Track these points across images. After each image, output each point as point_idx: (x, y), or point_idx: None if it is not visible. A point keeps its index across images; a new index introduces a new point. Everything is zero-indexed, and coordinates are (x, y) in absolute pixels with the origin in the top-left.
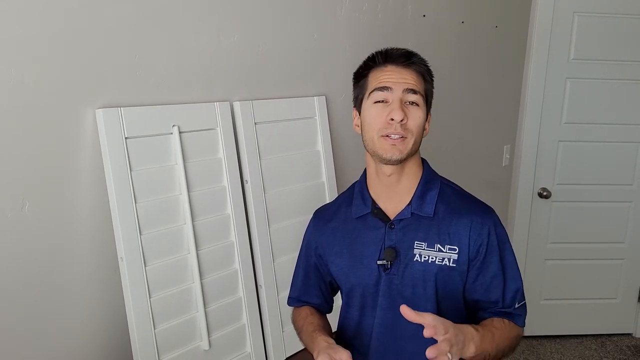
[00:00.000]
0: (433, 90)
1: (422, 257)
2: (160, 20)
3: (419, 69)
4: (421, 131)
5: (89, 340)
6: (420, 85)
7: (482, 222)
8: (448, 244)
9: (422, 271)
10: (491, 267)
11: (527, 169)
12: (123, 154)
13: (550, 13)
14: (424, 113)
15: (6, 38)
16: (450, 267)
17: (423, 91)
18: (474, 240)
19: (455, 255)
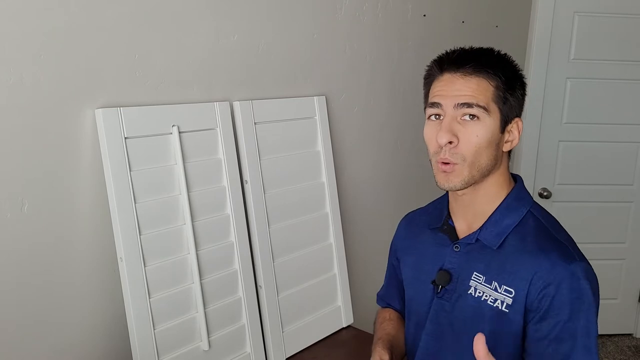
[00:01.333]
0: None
1: (476, 292)
2: (160, 20)
3: (483, 74)
4: (487, 150)
5: (88, 340)
6: (483, 95)
7: (553, 267)
8: (505, 284)
9: (473, 307)
10: (553, 327)
11: (528, 169)
12: (122, 154)
13: (550, 13)
14: (492, 125)
15: (5, 37)
16: (501, 311)
17: (491, 100)
18: (536, 287)
19: (510, 299)
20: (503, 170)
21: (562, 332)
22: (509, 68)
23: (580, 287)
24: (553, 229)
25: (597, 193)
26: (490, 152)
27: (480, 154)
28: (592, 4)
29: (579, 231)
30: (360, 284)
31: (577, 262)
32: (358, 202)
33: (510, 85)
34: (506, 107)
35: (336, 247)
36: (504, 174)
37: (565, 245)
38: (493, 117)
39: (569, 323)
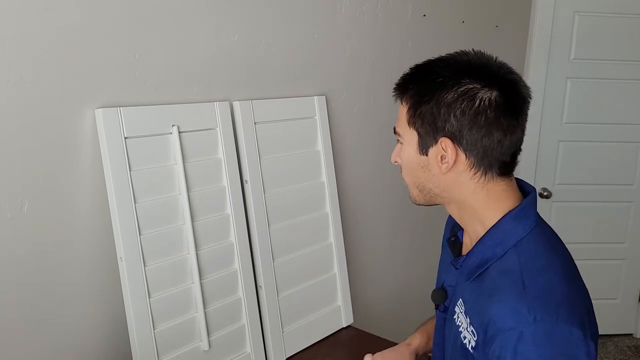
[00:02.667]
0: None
1: (457, 319)
2: (160, 19)
3: (403, 97)
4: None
5: (88, 340)
6: (402, 119)
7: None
8: (472, 324)
9: (453, 335)
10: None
11: (528, 169)
12: (122, 154)
13: (550, 13)
14: (411, 147)
15: (5, 37)
16: (468, 350)
17: (407, 122)
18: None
19: (474, 341)
20: (473, 193)
21: None
22: (423, 81)
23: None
24: (525, 277)
25: (597, 193)
26: (423, 175)
27: (412, 175)
28: (592, 4)
29: (579, 231)
30: (360, 284)
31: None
32: (358, 202)
33: (418, 102)
34: (421, 127)
35: (336, 247)
36: (479, 196)
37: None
38: (409, 141)
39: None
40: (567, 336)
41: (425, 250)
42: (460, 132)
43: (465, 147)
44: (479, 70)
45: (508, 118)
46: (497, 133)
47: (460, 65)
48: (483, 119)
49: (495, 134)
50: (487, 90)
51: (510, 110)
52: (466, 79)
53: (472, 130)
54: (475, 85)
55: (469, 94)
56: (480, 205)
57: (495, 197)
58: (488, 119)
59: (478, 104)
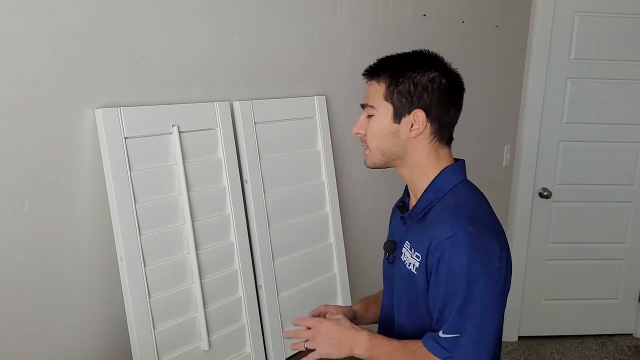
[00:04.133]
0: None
1: (403, 257)
2: (160, 20)
3: (376, 78)
4: (386, 138)
5: (88, 340)
6: (375, 96)
7: (442, 234)
8: (417, 250)
9: (401, 271)
10: (435, 283)
11: (528, 169)
12: (122, 154)
13: (550, 13)
14: (385, 118)
15: (5, 37)
16: (412, 273)
17: (383, 98)
18: (431, 251)
19: (418, 262)
20: (428, 153)
21: (438, 290)
22: (397, 67)
23: (455, 253)
24: (458, 206)
25: (597, 193)
26: (391, 140)
27: (380, 141)
28: (592, 3)
29: (579, 231)
30: (360, 284)
31: (459, 230)
32: (358, 202)
33: (395, 82)
34: (398, 101)
35: (336, 247)
36: (431, 156)
37: (458, 217)
38: (383, 112)
39: (442, 285)
40: (488, 247)
41: None
42: (430, 106)
43: (431, 118)
44: (437, 63)
45: (457, 99)
46: (451, 109)
47: (424, 58)
48: (445, 98)
49: (451, 110)
50: (446, 78)
51: (458, 93)
52: (431, 68)
53: (438, 106)
54: (438, 73)
55: (437, 78)
56: (430, 164)
57: (440, 158)
58: (448, 98)
59: (443, 86)
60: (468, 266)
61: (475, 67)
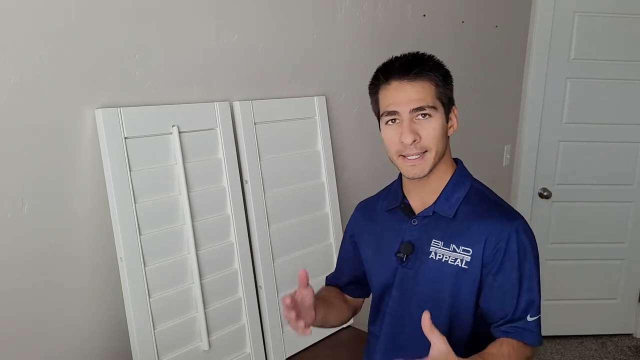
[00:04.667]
0: (450, 85)
1: (437, 256)
2: (160, 20)
3: (425, 77)
4: (442, 138)
5: (88, 340)
6: (429, 96)
7: (502, 227)
8: (463, 245)
9: (435, 269)
10: (508, 274)
11: (528, 169)
12: (122, 154)
13: (550, 13)
14: (441, 118)
15: (5, 37)
16: (462, 268)
17: (436, 98)
18: (491, 244)
19: (469, 257)
20: (448, 153)
21: (513, 279)
22: (441, 67)
23: (523, 240)
24: (491, 195)
25: (597, 193)
26: (444, 140)
27: (439, 142)
28: (592, 3)
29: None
30: None
31: (517, 220)
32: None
33: (445, 81)
34: (446, 100)
35: (336, 247)
36: (448, 157)
37: (508, 207)
38: (439, 112)
39: (516, 271)
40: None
41: None
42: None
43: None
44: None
45: None
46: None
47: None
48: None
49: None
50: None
51: None
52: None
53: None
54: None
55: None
56: (447, 161)
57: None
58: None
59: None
60: (532, 249)
61: (475, 67)
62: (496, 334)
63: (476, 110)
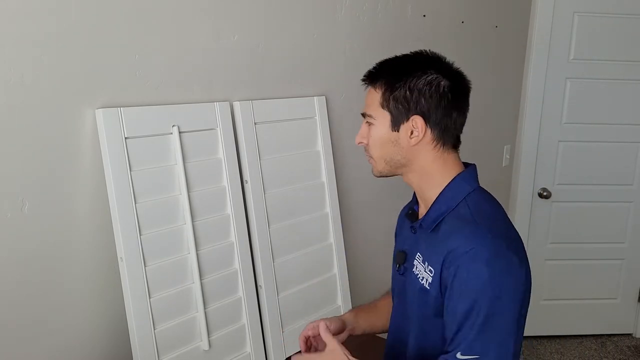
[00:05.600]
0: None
1: (415, 269)
2: (160, 20)
3: (376, 84)
4: (385, 146)
5: (88, 340)
6: (374, 104)
7: (457, 249)
8: (430, 263)
9: (413, 283)
10: (454, 302)
11: (527, 169)
12: (123, 154)
13: (550, 13)
14: (384, 127)
15: (5, 37)
16: (424, 288)
17: (380, 106)
18: (445, 266)
19: (431, 277)
20: (433, 160)
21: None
22: (393, 72)
23: (476, 269)
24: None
25: (597, 193)
26: (392, 148)
27: (381, 150)
28: (592, 4)
29: (579, 231)
30: (360, 284)
31: (477, 246)
32: (358, 202)
33: (390, 88)
34: (395, 108)
35: (336, 247)
36: (437, 163)
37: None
38: (381, 121)
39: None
40: (510, 260)
41: None
42: (429, 111)
43: (431, 123)
44: (438, 64)
45: (461, 101)
46: (454, 112)
47: (423, 60)
48: (445, 102)
49: (454, 113)
50: (446, 79)
51: (462, 95)
52: (430, 70)
53: (438, 110)
54: (437, 75)
55: (435, 81)
56: (437, 171)
57: (448, 165)
58: (449, 101)
59: (442, 89)
60: (489, 282)
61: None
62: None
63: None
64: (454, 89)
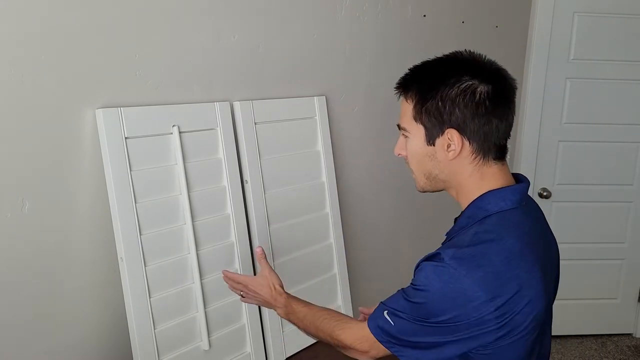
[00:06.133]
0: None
1: None
2: (160, 20)
3: (407, 94)
4: (422, 160)
5: (89, 340)
6: (406, 115)
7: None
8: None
9: None
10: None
11: (527, 169)
12: (123, 154)
13: (550, 13)
14: (418, 140)
15: (6, 37)
16: None
17: (411, 118)
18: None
19: None
20: (470, 175)
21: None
22: (425, 81)
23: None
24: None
25: (597, 193)
26: (431, 163)
27: (419, 165)
28: (592, 4)
29: (579, 231)
30: (360, 284)
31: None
32: (358, 202)
33: (422, 100)
34: (428, 121)
35: (336, 247)
36: (473, 177)
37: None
38: (416, 134)
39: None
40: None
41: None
42: (465, 122)
43: (469, 135)
44: (473, 67)
45: (502, 106)
46: (495, 120)
47: (457, 64)
48: (483, 110)
49: (494, 121)
50: (484, 84)
51: (503, 99)
52: (465, 76)
53: (475, 120)
54: (473, 81)
55: (469, 89)
56: (473, 186)
57: (487, 178)
58: (487, 109)
59: (478, 97)
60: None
61: None
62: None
63: None
64: (493, 93)
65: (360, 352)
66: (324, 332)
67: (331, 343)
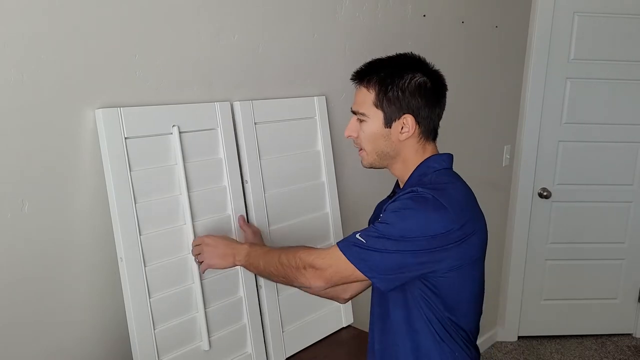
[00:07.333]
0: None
1: None
2: (160, 19)
3: (368, 84)
4: (377, 140)
5: (88, 340)
6: (364, 102)
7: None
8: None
9: None
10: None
11: (527, 169)
12: (123, 154)
13: (550, 13)
14: (376, 123)
15: (6, 37)
16: None
17: (371, 105)
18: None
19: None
20: (416, 151)
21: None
22: (385, 74)
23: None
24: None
25: (597, 193)
26: (384, 142)
27: (373, 144)
28: (592, 4)
29: (579, 231)
30: None
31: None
32: (358, 202)
33: (384, 89)
34: (388, 107)
35: None
36: (419, 153)
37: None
38: (374, 118)
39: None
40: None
41: None
42: (418, 109)
43: (420, 120)
44: (421, 66)
45: (441, 99)
46: (437, 109)
47: (410, 62)
48: (431, 100)
49: (436, 109)
50: (429, 79)
51: (441, 92)
52: (417, 72)
53: (425, 108)
54: (423, 77)
55: (422, 83)
56: (419, 158)
57: (427, 153)
58: (433, 99)
59: (427, 89)
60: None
61: (475, 67)
62: None
63: (476, 110)
64: (436, 89)
65: (318, 269)
66: (288, 256)
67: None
